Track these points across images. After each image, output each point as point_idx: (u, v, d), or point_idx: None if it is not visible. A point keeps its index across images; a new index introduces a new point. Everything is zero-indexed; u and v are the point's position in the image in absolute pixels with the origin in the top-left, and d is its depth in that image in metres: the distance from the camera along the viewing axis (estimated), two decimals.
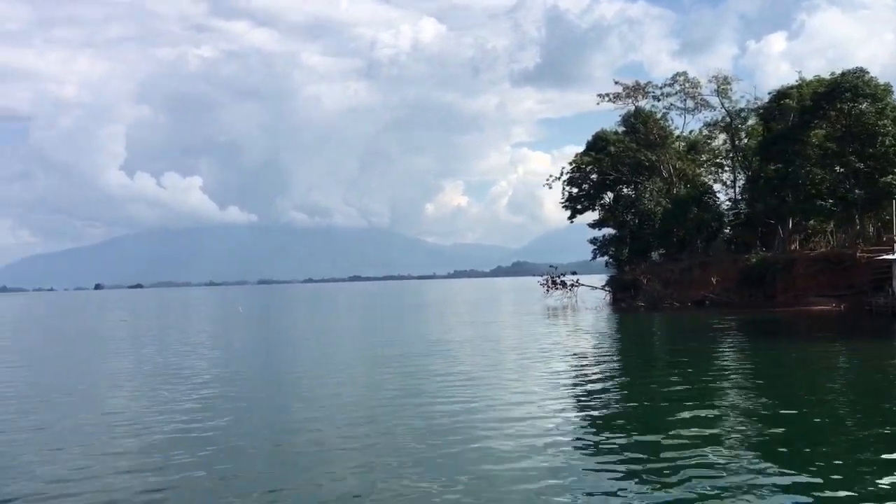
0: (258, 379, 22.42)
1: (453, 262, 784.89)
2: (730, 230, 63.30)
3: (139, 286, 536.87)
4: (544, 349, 28.01)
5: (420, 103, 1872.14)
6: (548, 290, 64.90)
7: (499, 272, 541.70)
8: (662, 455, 11.77)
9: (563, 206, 65.85)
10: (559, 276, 65.19)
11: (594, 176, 65.46)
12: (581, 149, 66.57)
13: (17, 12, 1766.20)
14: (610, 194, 66.64)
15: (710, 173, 67.09)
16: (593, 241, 67.70)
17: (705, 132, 66.70)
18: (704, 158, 66.20)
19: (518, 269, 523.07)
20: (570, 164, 65.06)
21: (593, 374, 21.45)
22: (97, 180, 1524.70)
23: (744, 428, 13.73)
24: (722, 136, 65.70)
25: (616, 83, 63.44)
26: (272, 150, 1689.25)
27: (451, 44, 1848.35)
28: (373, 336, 38.58)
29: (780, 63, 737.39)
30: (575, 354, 26.63)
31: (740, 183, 63.88)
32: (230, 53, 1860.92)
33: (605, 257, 68.34)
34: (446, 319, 50.04)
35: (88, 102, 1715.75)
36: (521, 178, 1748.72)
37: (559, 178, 64.67)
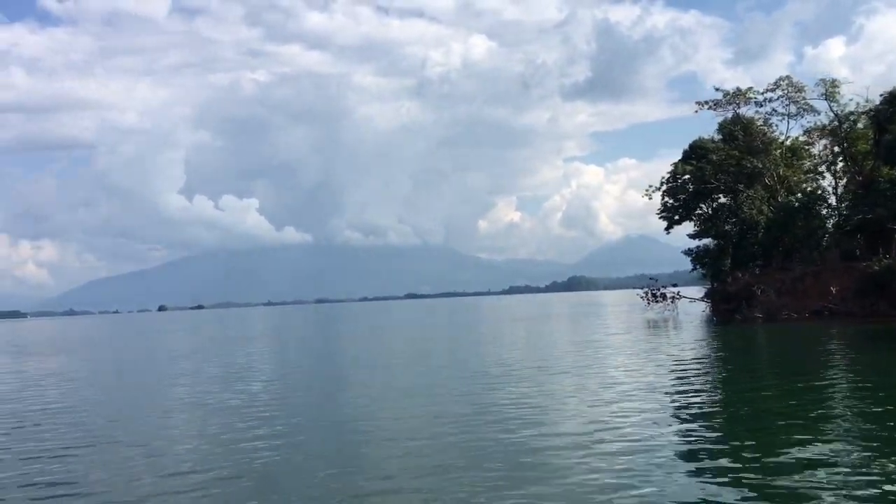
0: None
1: (508, 277, 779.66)
2: (828, 237, 61.13)
3: (200, 307, 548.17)
4: (682, 365, 26.81)
5: (471, 120, 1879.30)
6: (648, 303, 63.79)
7: (554, 287, 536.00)
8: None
9: (659, 217, 64.52)
10: (659, 289, 63.94)
11: (689, 186, 64.02)
12: (633, 160, 65.63)
13: (80, 44, 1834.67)
14: (703, 205, 65.11)
15: (812, 180, 65.05)
16: (688, 252, 66.20)
17: (802, 138, 64.87)
18: (807, 165, 64.21)
19: (574, 284, 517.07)
20: (668, 173, 63.76)
21: (750, 392, 20.31)
22: (158, 204, 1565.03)
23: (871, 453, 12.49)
24: (823, 142, 63.80)
25: (717, 90, 62.23)
26: (326, 171, 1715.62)
27: (501, 60, 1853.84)
28: (491, 349, 37.64)
29: (839, 68, 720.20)
30: (721, 370, 25.44)
31: (841, 188, 61.92)
32: (284, 77, 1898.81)
33: (701, 269, 66.75)
34: (548, 336, 48.95)
35: (148, 129, 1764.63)
36: (574, 192, 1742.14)
37: (659, 189, 63.37)
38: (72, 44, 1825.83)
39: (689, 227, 65.25)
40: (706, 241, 64.91)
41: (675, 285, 64.66)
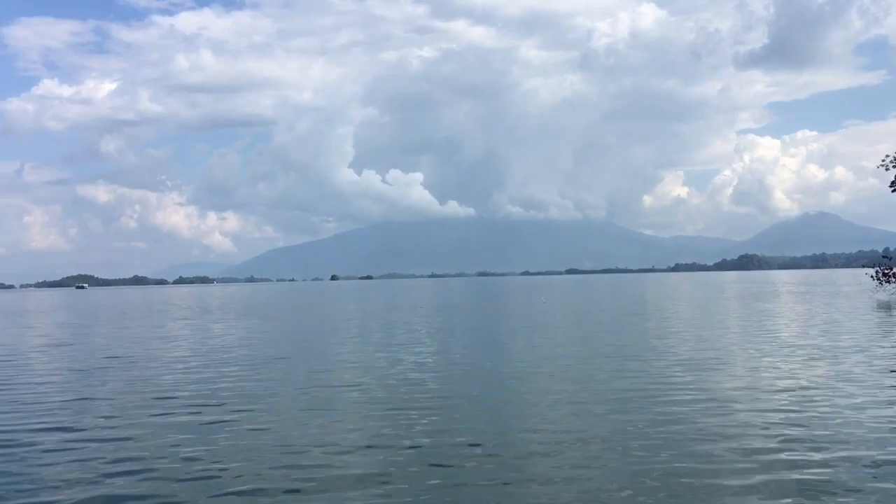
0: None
1: (673, 255, 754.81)
2: None
3: (369, 277, 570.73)
4: None
5: (638, 92, 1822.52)
6: (879, 283, 59.27)
7: (724, 266, 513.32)
8: None
9: (893, 191, 59.44)
10: (892, 268, 59.19)
11: None
12: (814, 132, 60.50)
13: (262, 26, 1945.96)
14: None
15: None
16: None
17: None
18: None
19: (746, 263, 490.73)
20: None
21: None
22: (330, 178, 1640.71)
23: None
24: None
25: None
26: (489, 145, 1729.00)
27: (670, 29, 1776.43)
28: (721, 331, 35.96)
29: None
30: None
31: None
32: (449, 52, 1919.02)
33: None
34: (784, 317, 46.24)
35: (322, 106, 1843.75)
36: (746, 166, 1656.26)
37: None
38: (253, 26, 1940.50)
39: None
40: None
41: None
